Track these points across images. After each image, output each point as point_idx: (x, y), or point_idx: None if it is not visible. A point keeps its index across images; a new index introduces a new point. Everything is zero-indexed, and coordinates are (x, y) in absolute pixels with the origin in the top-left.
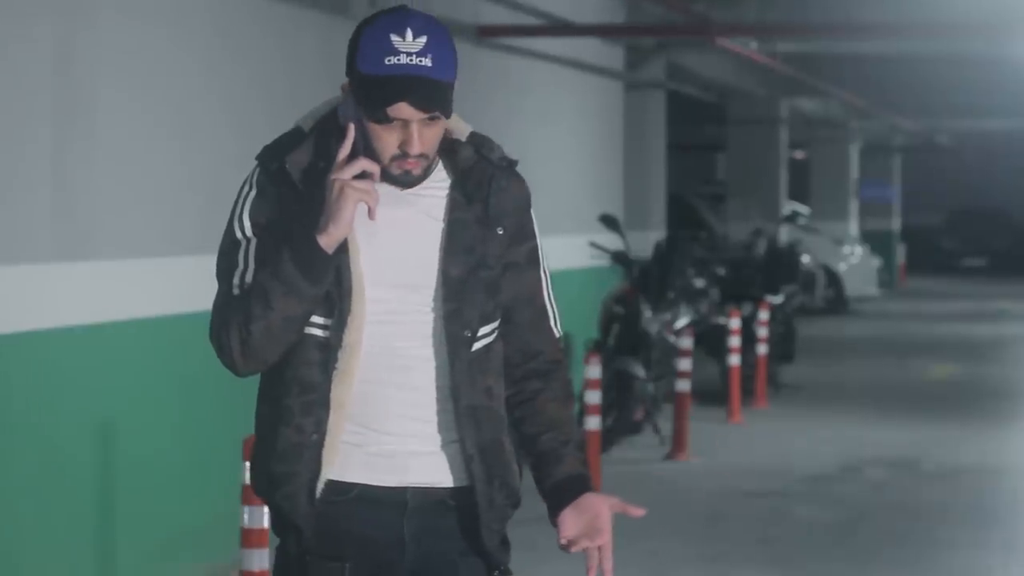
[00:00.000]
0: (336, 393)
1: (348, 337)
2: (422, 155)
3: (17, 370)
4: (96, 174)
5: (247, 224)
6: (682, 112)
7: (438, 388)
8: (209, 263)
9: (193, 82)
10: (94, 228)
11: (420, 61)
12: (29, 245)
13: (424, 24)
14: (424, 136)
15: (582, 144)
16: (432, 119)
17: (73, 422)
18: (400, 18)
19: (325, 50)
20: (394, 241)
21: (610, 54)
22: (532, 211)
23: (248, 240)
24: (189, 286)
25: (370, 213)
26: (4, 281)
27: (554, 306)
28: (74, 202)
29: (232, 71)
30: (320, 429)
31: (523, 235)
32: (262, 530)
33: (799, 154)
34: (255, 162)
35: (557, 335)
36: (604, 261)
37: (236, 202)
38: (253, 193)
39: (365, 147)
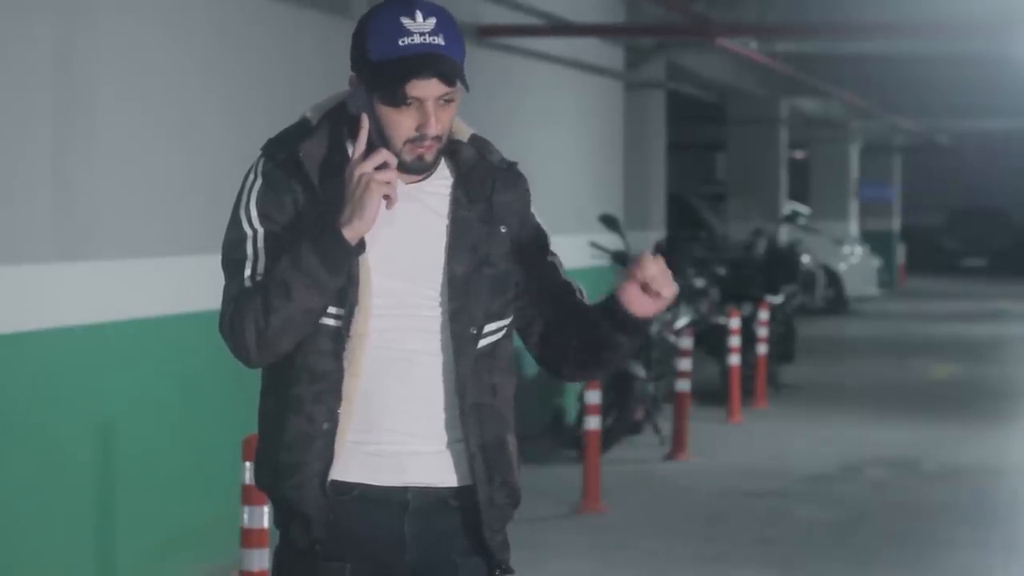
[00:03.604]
0: (345, 383)
1: (355, 328)
2: (437, 137)
3: (17, 370)
4: (96, 174)
5: (254, 214)
6: (682, 112)
7: (443, 385)
8: (210, 263)
9: (193, 82)
10: (94, 228)
11: (433, 40)
12: (29, 245)
13: (432, 7)
14: (439, 118)
15: (582, 144)
16: (447, 101)
17: (73, 422)
18: (407, 2)
19: (325, 50)
20: (400, 235)
21: (610, 54)
22: (534, 209)
23: (256, 231)
24: (189, 286)
25: (388, 204)
26: (4, 281)
27: (580, 285)
28: (74, 202)
29: (232, 71)
30: (332, 418)
31: (527, 227)
32: (262, 530)
33: (799, 154)
34: (259, 153)
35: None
36: (604, 261)
37: (241, 192)
38: (259, 183)
39: (378, 136)
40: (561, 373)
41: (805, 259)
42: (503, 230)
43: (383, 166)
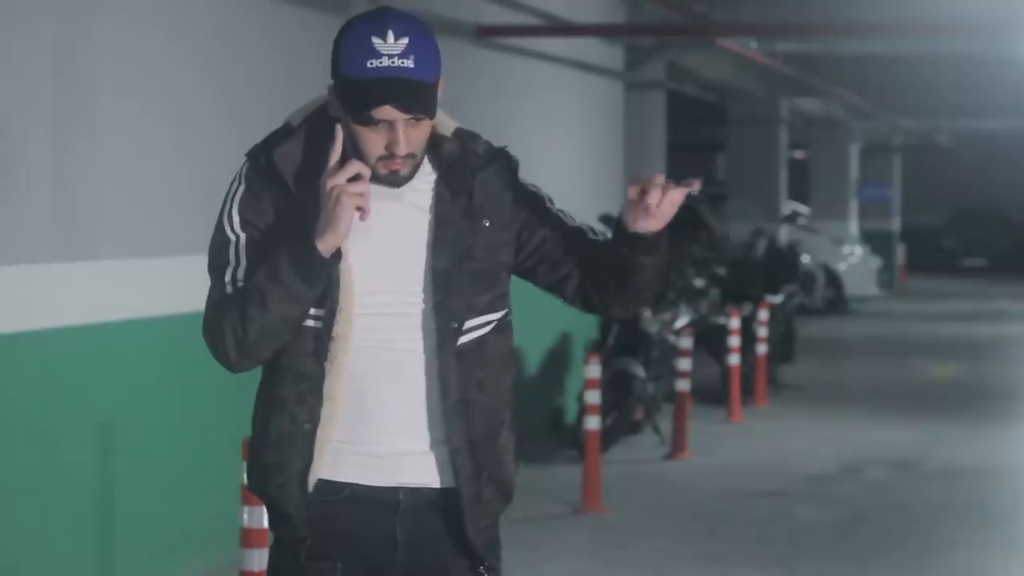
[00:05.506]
0: (328, 384)
1: (338, 329)
2: (409, 155)
3: (17, 370)
4: (96, 174)
5: (236, 220)
6: (682, 112)
7: (428, 382)
8: None
9: (193, 82)
10: (94, 228)
11: (402, 63)
12: (29, 245)
13: (405, 25)
14: (410, 136)
15: (582, 144)
16: (417, 119)
17: (73, 422)
18: (381, 20)
19: (325, 50)
20: (382, 235)
21: (610, 54)
22: (524, 180)
23: (237, 236)
24: (189, 286)
25: (362, 216)
26: (4, 281)
27: (591, 226)
28: (74, 202)
29: (232, 71)
30: (313, 418)
31: (521, 197)
32: (262, 530)
33: (799, 154)
34: (244, 158)
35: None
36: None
37: (226, 197)
38: (242, 188)
39: (352, 148)
40: (612, 313)
41: (805, 259)
42: (486, 224)
43: (356, 178)
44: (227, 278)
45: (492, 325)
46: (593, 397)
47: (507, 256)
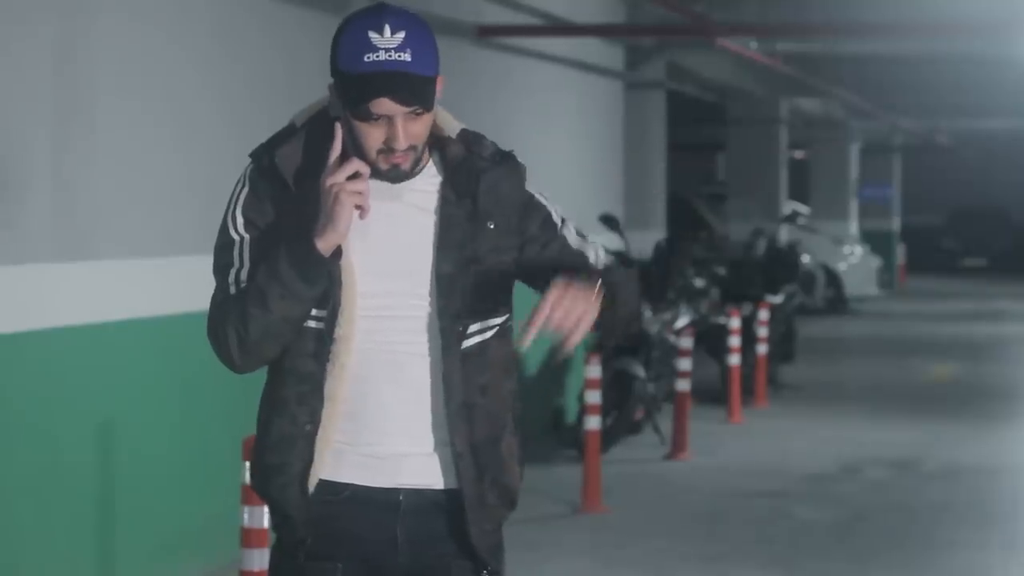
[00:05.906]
0: (329, 385)
1: (339, 330)
2: (410, 148)
3: (17, 370)
4: (96, 174)
5: (240, 221)
6: (682, 112)
7: (431, 385)
8: (209, 263)
9: (193, 82)
10: (94, 228)
11: (399, 56)
12: (29, 245)
13: (402, 20)
14: (409, 130)
15: (582, 144)
16: (416, 114)
17: (73, 422)
18: (378, 15)
19: (325, 50)
20: (386, 236)
21: (610, 54)
22: (533, 189)
23: (242, 237)
24: (189, 286)
25: (362, 214)
26: (4, 281)
27: (596, 246)
28: (74, 202)
29: (232, 71)
30: (314, 419)
31: (529, 210)
32: (262, 530)
33: (799, 154)
34: (249, 159)
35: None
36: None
37: (230, 199)
38: (246, 190)
39: (352, 146)
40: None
41: (805, 259)
42: (491, 226)
43: (355, 176)
44: (231, 279)
45: (495, 330)
46: (593, 397)
47: (510, 260)
